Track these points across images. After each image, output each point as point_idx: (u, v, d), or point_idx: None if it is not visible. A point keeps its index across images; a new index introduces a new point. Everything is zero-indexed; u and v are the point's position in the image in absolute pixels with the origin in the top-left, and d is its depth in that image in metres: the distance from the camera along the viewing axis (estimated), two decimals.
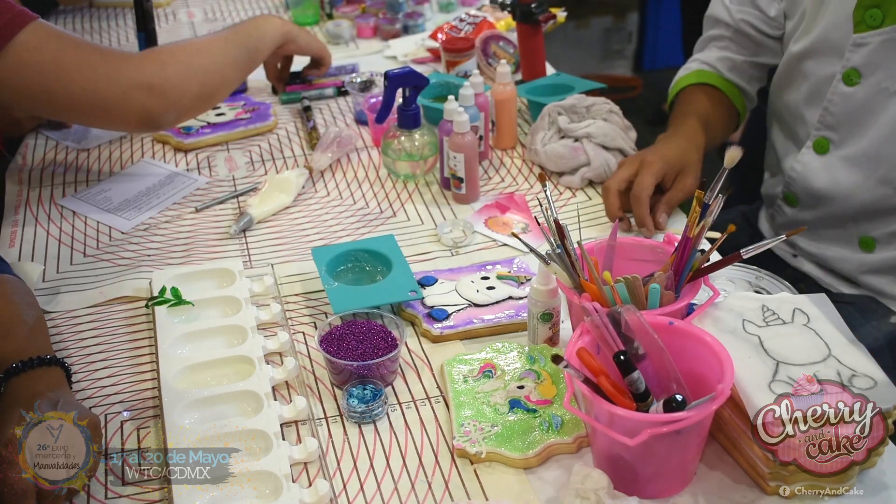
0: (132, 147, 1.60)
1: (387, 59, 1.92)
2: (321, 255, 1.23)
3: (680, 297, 1.00)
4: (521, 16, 1.64)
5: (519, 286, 1.19)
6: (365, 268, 1.24)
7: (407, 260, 1.23)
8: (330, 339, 1.07)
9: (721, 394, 0.85)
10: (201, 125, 1.62)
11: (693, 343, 0.93)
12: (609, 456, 0.91)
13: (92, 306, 1.21)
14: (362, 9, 2.09)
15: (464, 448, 0.96)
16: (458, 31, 1.82)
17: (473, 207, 1.40)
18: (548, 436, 0.96)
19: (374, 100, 1.59)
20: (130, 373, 1.10)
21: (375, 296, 1.16)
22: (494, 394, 1.02)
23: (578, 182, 1.43)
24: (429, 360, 1.11)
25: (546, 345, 1.09)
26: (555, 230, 1.01)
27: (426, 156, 1.44)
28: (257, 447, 0.96)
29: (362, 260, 1.24)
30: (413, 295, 1.16)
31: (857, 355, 0.93)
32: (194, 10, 2.22)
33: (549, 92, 1.60)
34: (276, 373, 1.06)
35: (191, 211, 1.41)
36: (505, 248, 1.31)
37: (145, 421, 1.03)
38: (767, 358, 0.92)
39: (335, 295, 1.15)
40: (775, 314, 0.98)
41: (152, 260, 1.30)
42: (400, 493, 0.93)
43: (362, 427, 1.01)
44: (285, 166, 1.53)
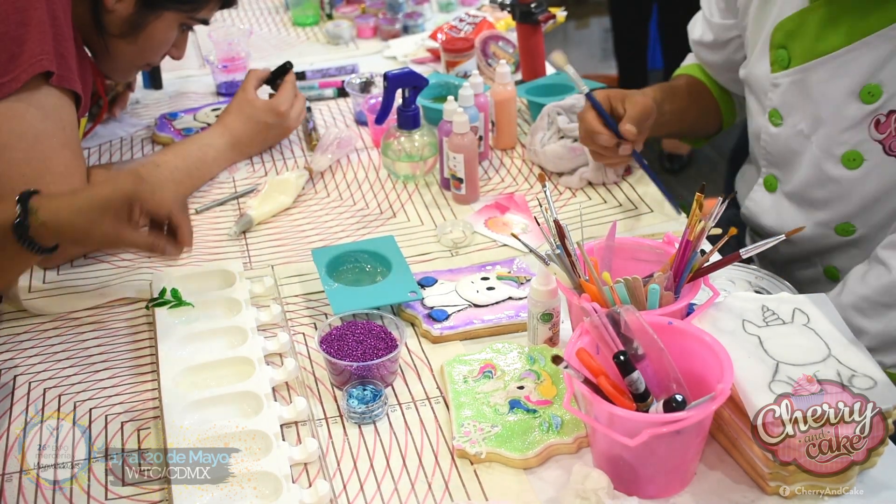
0: (132, 148, 1.60)
1: (387, 60, 1.92)
2: (321, 256, 1.23)
3: (679, 298, 1.00)
4: (520, 16, 1.64)
5: (519, 286, 1.20)
6: (365, 268, 1.24)
7: (407, 260, 1.23)
8: (330, 340, 1.07)
9: (721, 394, 0.85)
10: (201, 126, 1.62)
11: (693, 343, 0.93)
12: (609, 456, 0.91)
13: (93, 307, 1.21)
14: (362, 9, 2.09)
15: (464, 448, 0.96)
16: (458, 31, 1.82)
17: (473, 208, 1.40)
18: (548, 436, 0.96)
19: (374, 100, 1.59)
20: (131, 374, 1.10)
21: (375, 297, 1.16)
22: (494, 394, 1.02)
23: (577, 182, 1.43)
24: (429, 360, 1.11)
25: (546, 345, 1.09)
26: (554, 230, 1.01)
27: (426, 156, 1.44)
28: (257, 448, 0.96)
29: (362, 261, 1.24)
30: (413, 296, 1.16)
31: (857, 355, 0.93)
32: None
33: (549, 92, 1.60)
34: (276, 374, 1.06)
35: (191, 212, 1.41)
36: (505, 248, 1.31)
37: (146, 422, 1.03)
38: (767, 358, 0.92)
39: (335, 296, 1.15)
40: (775, 314, 0.98)
41: (152, 261, 1.30)
42: (400, 494, 0.93)
43: (362, 428, 1.01)
44: (285, 167, 1.53)
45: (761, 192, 1.36)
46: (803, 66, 1.20)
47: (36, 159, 1.19)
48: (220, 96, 1.78)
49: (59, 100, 1.22)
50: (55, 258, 1.25)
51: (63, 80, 1.21)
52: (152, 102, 1.76)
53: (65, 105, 1.23)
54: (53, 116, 1.21)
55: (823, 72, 1.18)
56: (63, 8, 1.23)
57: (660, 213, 1.37)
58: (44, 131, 1.19)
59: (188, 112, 1.67)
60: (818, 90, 1.20)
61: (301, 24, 2.11)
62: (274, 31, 2.11)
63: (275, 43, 2.04)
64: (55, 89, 1.21)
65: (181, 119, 1.65)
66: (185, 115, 1.66)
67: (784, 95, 1.24)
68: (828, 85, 1.18)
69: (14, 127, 1.18)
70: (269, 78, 1.58)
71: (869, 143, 1.18)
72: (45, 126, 1.20)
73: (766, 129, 1.29)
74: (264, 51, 1.97)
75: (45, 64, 1.18)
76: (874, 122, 1.17)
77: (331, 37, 2.01)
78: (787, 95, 1.23)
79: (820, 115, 1.21)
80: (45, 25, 1.18)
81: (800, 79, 1.21)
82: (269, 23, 2.16)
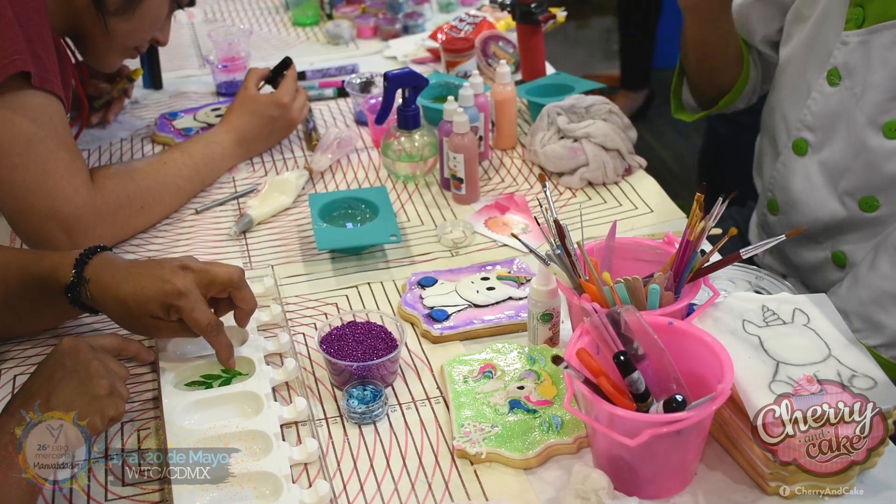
0: (132, 148, 1.60)
1: (387, 60, 1.92)
2: (316, 200, 1.34)
3: (680, 298, 1.00)
4: (520, 16, 1.64)
5: (519, 287, 1.19)
6: (356, 216, 1.35)
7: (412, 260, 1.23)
8: (330, 340, 1.07)
9: (721, 394, 0.85)
10: (201, 126, 1.62)
11: (693, 343, 0.93)
12: (609, 456, 0.91)
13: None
14: (362, 9, 2.09)
15: (464, 449, 0.96)
16: (458, 31, 1.82)
17: (473, 208, 1.40)
18: (548, 436, 0.96)
19: (374, 100, 1.59)
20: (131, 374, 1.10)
21: (357, 237, 1.30)
22: (494, 394, 1.02)
23: (577, 182, 1.43)
24: (429, 360, 1.11)
25: (546, 345, 1.09)
26: (555, 230, 1.01)
27: (426, 156, 1.44)
28: (257, 448, 0.96)
29: (354, 207, 1.36)
30: (393, 239, 1.27)
31: (857, 355, 0.93)
32: (194, 11, 2.22)
33: (549, 92, 1.60)
34: (276, 374, 1.06)
35: (191, 212, 1.41)
36: (505, 248, 1.31)
37: (146, 422, 1.03)
38: (767, 358, 0.92)
39: (321, 234, 1.28)
40: (775, 314, 0.98)
41: None
42: (400, 494, 0.93)
43: (362, 428, 1.01)
44: (285, 167, 1.53)
45: (789, 156, 1.36)
46: (873, 28, 1.20)
47: (32, 164, 1.18)
48: (220, 96, 1.77)
49: (45, 100, 1.20)
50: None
51: (44, 82, 1.19)
52: (152, 102, 1.76)
53: (52, 105, 1.21)
54: (42, 118, 1.19)
55: (889, 35, 1.19)
56: (36, 9, 1.20)
57: (660, 213, 1.37)
58: (35, 135, 1.18)
59: (188, 112, 1.67)
60: (879, 55, 1.20)
61: (301, 24, 2.11)
62: (274, 31, 2.11)
63: (275, 43, 2.04)
64: (38, 91, 1.19)
65: (181, 119, 1.65)
66: (185, 115, 1.66)
67: (850, 55, 1.23)
68: (889, 50, 1.19)
69: (2, 134, 1.16)
70: (270, 76, 1.58)
71: None
72: (36, 129, 1.18)
73: (821, 89, 1.28)
74: (264, 51, 1.97)
75: (20, 64, 1.15)
76: None
77: (331, 37, 2.01)
78: (853, 56, 1.23)
79: (875, 80, 1.21)
80: (13, 27, 1.15)
81: (867, 40, 1.21)
82: (269, 23, 2.16)
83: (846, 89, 1.25)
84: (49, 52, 1.21)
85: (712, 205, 0.99)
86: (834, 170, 1.30)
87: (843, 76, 1.25)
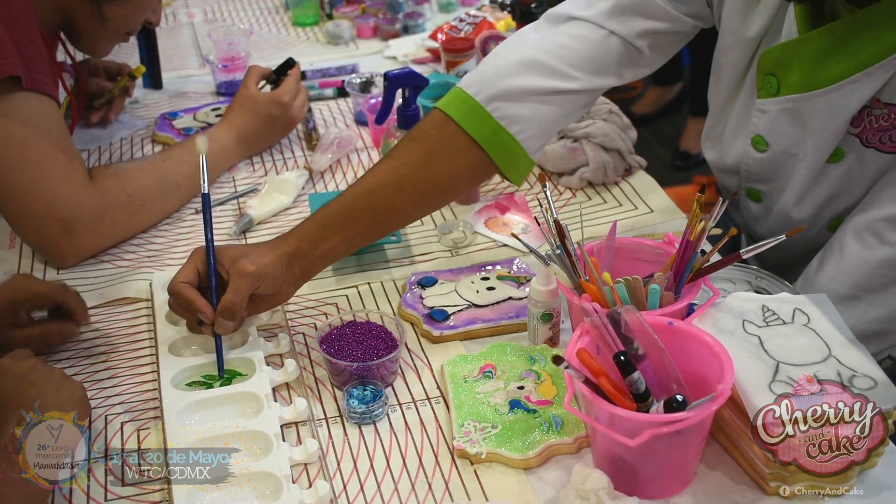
0: (132, 148, 1.60)
1: (387, 60, 1.92)
2: (316, 200, 1.32)
3: (680, 298, 1.00)
4: (521, 16, 1.64)
5: (519, 287, 1.19)
6: None
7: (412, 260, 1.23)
8: (330, 340, 1.07)
9: (721, 394, 0.85)
10: (201, 125, 1.62)
11: (693, 343, 0.93)
12: (609, 456, 0.91)
13: (93, 307, 1.21)
14: (362, 9, 2.09)
15: (464, 448, 0.96)
16: (458, 31, 1.82)
17: (473, 208, 1.40)
18: (548, 436, 0.96)
19: (374, 100, 1.59)
20: (131, 374, 1.10)
21: None
22: (494, 394, 1.02)
23: (577, 182, 1.43)
24: (429, 360, 1.11)
25: (546, 345, 1.09)
26: (555, 230, 1.01)
27: None
28: (257, 448, 0.96)
29: None
30: (393, 239, 1.27)
31: (858, 355, 0.93)
32: (194, 11, 2.22)
33: None
34: (276, 374, 1.06)
35: (191, 212, 1.41)
36: (505, 248, 1.31)
37: (146, 422, 1.03)
38: (767, 358, 0.92)
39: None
40: (775, 314, 0.98)
41: (153, 261, 1.30)
42: (400, 494, 0.93)
43: (362, 428, 1.02)
44: (285, 167, 1.53)
45: (747, 201, 1.32)
46: (797, 97, 1.14)
47: (28, 166, 1.18)
48: (220, 96, 1.77)
49: (38, 101, 1.20)
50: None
51: (35, 83, 1.19)
52: (152, 102, 1.76)
53: (45, 106, 1.21)
54: (35, 120, 1.19)
55: (821, 102, 1.13)
56: (22, 8, 1.19)
57: (660, 213, 1.37)
58: (29, 137, 1.18)
59: (188, 112, 1.67)
60: (814, 120, 1.15)
61: (301, 24, 2.11)
62: (274, 31, 2.11)
63: (275, 43, 2.04)
64: (30, 93, 1.18)
65: (181, 119, 1.65)
66: (185, 114, 1.66)
67: (772, 123, 1.19)
68: (825, 114, 1.14)
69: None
70: (272, 77, 1.58)
71: (847, 138, 1.16)
72: (30, 132, 1.18)
73: (749, 155, 1.24)
74: (264, 51, 1.97)
75: (8, 69, 1.15)
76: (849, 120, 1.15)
77: (331, 37, 2.01)
78: (776, 123, 1.18)
79: (812, 139, 1.17)
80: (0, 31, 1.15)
81: (792, 108, 1.16)
82: (269, 23, 2.16)
83: (778, 152, 1.20)
84: (38, 52, 1.21)
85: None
86: (793, 209, 1.25)
87: (770, 142, 1.20)
